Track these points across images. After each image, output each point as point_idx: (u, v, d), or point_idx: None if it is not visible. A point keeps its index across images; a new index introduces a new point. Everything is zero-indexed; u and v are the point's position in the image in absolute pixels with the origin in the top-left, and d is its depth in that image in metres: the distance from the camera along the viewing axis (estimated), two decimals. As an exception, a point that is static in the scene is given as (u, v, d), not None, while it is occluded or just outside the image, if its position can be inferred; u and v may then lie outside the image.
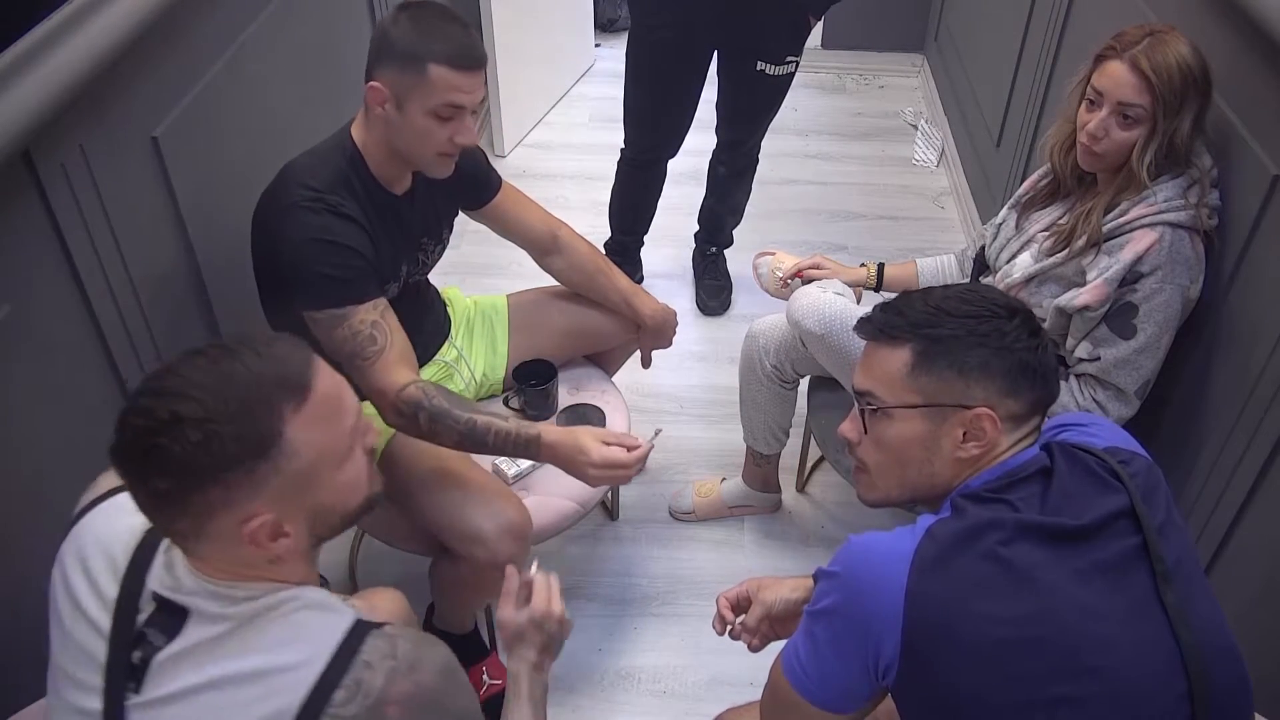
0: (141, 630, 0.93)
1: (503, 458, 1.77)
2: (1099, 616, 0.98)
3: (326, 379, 0.94)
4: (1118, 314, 1.57)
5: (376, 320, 1.50)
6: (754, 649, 1.31)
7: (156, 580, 0.95)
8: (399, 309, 1.68)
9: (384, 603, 1.41)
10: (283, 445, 0.89)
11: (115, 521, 0.99)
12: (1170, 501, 1.08)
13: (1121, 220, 1.56)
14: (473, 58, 1.47)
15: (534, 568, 1.26)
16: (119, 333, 1.47)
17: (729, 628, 1.32)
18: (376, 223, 1.55)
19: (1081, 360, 1.62)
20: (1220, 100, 1.59)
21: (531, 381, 1.86)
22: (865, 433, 1.16)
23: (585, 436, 1.52)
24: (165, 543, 0.97)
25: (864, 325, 1.17)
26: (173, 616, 0.92)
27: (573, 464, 1.53)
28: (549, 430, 1.54)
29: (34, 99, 1.23)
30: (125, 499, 0.94)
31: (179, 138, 1.59)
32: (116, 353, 1.46)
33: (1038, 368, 1.10)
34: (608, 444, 1.52)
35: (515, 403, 1.90)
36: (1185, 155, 1.54)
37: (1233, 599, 1.52)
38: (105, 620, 0.95)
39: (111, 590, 0.96)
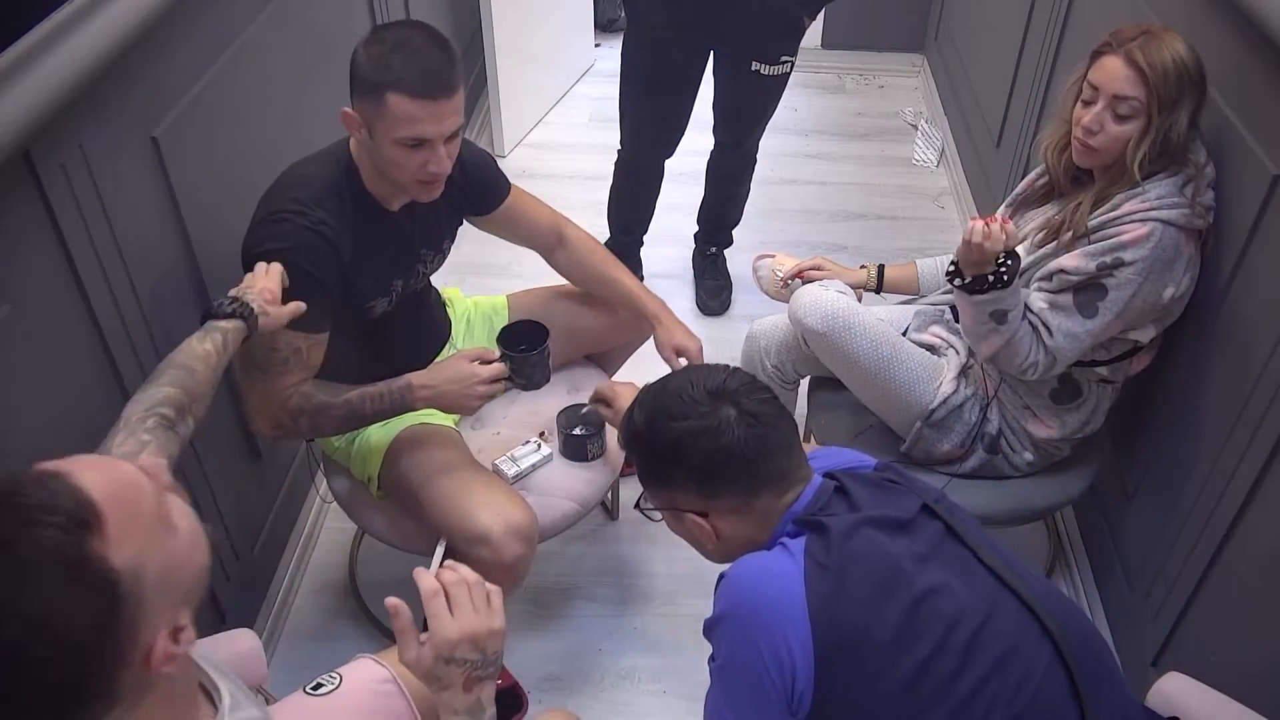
0: None
1: (502, 460, 1.77)
2: (955, 591, 1.08)
3: (97, 479, 0.77)
4: (1087, 289, 1.58)
5: (301, 349, 1.50)
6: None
7: None
8: (395, 319, 1.68)
9: None
10: (125, 576, 0.75)
11: None
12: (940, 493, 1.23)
13: (1111, 215, 1.56)
14: (435, 85, 1.38)
15: (436, 559, 1.10)
16: (119, 333, 1.47)
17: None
18: (362, 240, 1.53)
19: (1030, 312, 1.64)
20: (1219, 100, 1.59)
21: (521, 347, 1.64)
22: None
23: (461, 360, 1.57)
24: None
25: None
26: None
27: (460, 390, 1.55)
28: (417, 374, 1.57)
29: (34, 99, 1.22)
30: None
31: (179, 138, 1.59)
32: (116, 353, 1.46)
33: (749, 455, 1.14)
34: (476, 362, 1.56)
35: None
36: (1181, 152, 1.54)
37: (1233, 598, 1.52)
38: None
39: None
